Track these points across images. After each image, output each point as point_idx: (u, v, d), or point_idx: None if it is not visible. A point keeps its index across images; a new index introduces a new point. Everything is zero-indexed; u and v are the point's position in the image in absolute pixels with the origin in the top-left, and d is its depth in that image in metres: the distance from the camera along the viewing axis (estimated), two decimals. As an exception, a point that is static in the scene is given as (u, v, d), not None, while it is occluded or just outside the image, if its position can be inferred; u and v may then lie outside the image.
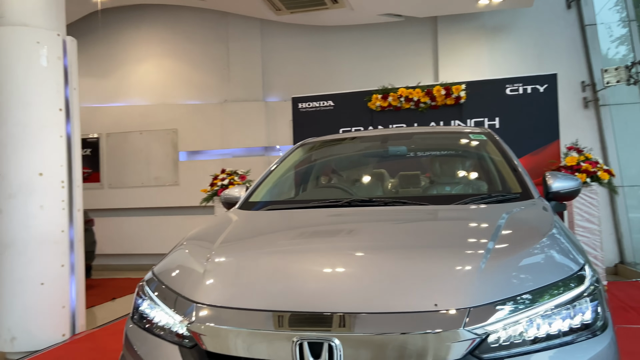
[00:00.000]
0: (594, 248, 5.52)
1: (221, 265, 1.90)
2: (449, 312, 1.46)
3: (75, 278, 4.49)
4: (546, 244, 1.80)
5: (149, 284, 1.97)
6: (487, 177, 3.07)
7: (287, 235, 2.27)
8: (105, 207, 8.88)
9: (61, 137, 4.38)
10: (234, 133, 8.66)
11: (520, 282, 1.58)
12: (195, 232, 2.39)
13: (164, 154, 8.88)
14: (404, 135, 3.61)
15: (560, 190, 2.54)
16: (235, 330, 1.57)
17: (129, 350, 1.85)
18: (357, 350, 1.45)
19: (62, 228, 4.35)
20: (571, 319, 1.53)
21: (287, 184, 3.44)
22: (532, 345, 1.47)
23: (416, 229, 2.15)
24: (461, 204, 2.38)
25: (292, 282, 1.72)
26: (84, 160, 8.84)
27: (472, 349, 1.43)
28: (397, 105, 6.65)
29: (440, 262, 1.72)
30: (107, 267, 8.75)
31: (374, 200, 2.58)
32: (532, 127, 6.18)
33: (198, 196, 7.23)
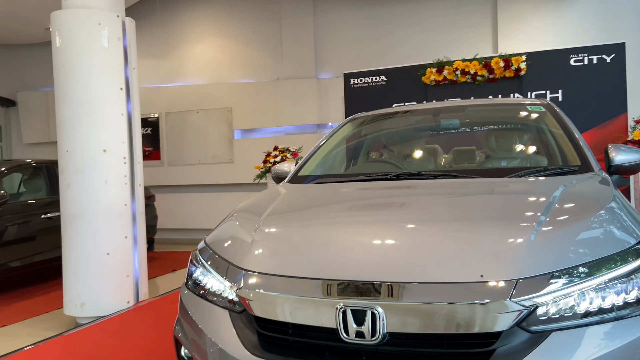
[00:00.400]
0: (663, 227, 5.21)
1: (268, 235, 1.94)
2: (495, 283, 1.44)
3: (138, 249, 4.73)
4: (603, 217, 1.72)
5: (201, 253, 2.05)
6: (545, 151, 2.95)
7: (335, 207, 2.29)
8: (165, 183, 9.24)
9: (122, 115, 4.58)
10: (286, 111, 8.73)
11: (573, 254, 1.52)
12: (244, 204, 2.46)
13: (220, 132, 9.10)
14: (457, 108, 3.51)
15: (623, 164, 2.41)
16: (281, 297, 1.61)
17: (183, 314, 1.95)
18: (401, 318, 1.46)
19: (124, 202, 4.58)
20: (626, 293, 1.46)
21: (337, 158, 3.44)
22: (583, 318, 1.42)
23: (466, 201, 2.10)
24: (515, 176, 2.30)
25: (339, 251, 1.74)
26: (145, 139, 9.25)
27: (520, 321, 1.40)
28: (452, 79, 6.46)
29: (489, 233, 1.68)
30: (168, 241, 9.16)
31: (424, 174, 2.55)
32: (598, 99, 5.85)
33: (252, 173, 7.41)
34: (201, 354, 1.74)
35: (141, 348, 3.59)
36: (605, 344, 1.40)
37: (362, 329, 1.48)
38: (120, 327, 4.12)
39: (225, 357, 1.63)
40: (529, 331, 1.41)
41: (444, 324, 1.43)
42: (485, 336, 1.41)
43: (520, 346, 1.39)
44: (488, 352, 1.40)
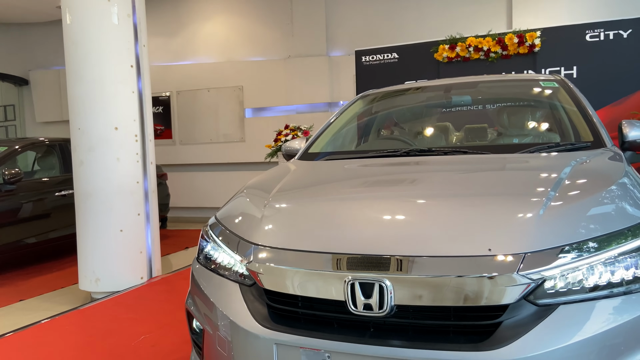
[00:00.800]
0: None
1: (278, 210, 1.96)
2: (503, 256, 1.44)
3: (151, 226, 4.80)
4: (614, 192, 1.71)
5: (212, 228, 2.07)
6: (558, 127, 2.91)
7: (345, 183, 2.29)
8: (177, 162, 9.30)
9: (133, 93, 4.60)
10: (297, 89, 8.69)
11: (582, 229, 1.52)
12: (254, 180, 2.47)
13: (231, 111, 9.10)
14: (468, 84, 3.47)
15: (637, 140, 2.38)
16: (291, 270, 1.63)
17: (195, 288, 1.98)
18: (409, 291, 1.47)
19: (137, 179, 4.63)
20: (636, 268, 1.46)
21: (347, 135, 3.43)
22: (591, 292, 1.42)
23: (476, 176, 2.10)
24: (526, 152, 2.29)
25: (348, 225, 1.75)
26: (157, 117, 9.28)
27: (527, 294, 1.41)
28: (465, 56, 6.37)
29: (498, 208, 1.68)
30: (180, 219, 9.26)
31: (434, 150, 2.54)
32: (614, 76, 5.73)
33: (263, 152, 7.42)
34: (212, 326, 1.78)
35: (155, 322, 3.67)
36: (614, 318, 1.40)
37: (370, 301, 1.50)
38: (134, 302, 4.20)
39: (235, 328, 1.67)
40: (536, 304, 1.41)
41: (452, 297, 1.44)
42: (492, 309, 1.42)
43: (527, 319, 1.40)
44: (495, 324, 1.41)
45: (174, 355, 3.04)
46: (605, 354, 1.37)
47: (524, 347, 1.35)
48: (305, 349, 1.54)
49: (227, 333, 1.69)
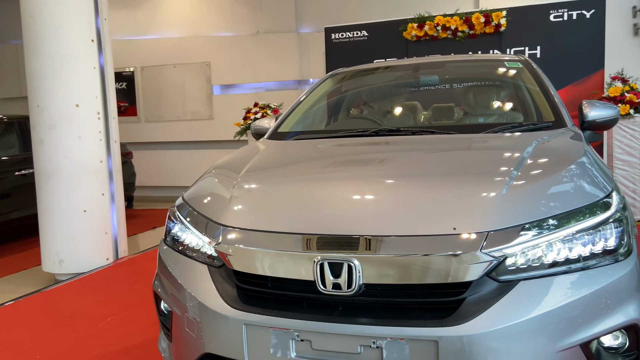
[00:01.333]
0: (632, 182, 5.36)
1: (247, 191, 1.95)
2: (467, 235, 1.48)
3: (116, 206, 4.71)
4: (573, 171, 1.76)
5: (179, 209, 2.05)
6: (521, 107, 2.98)
7: (314, 163, 2.30)
8: (142, 140, 9.10)
9: (95, 69, 4.45)
10: (266, 66, 8.57)
11: (543, 207, 1.57)
12: (223, 160, 2.45)
13: (198, 88, 8.92)
14: (436, 64, 3.50)
15: (596, 119, 2.45)
16: (260, 251, 1.63)
17: (162, 270, 1.97)
18: (377, 270, 1.50)
19: (100, 158, 4.51)
20: (593, 244, 1.52)
21: (317, 114, 3.43)
22: (550, 268, 1.48)
23: (442, 156, 2.13)
24: (490, 132, 2.33)
25: (318, 206, 1.76)
26: (120, 94, 9.02)
27: (489, 271, 1.45)
28: (433, 35, 6.40)
29: (463, 188, 1.72)
30: (147, 198, 9.11)
31: (402, 130, 2.57)
32: (576, 56, 5.87)
33: (232, 130, 7.32)
34: (180, 307, 1.77)
35: (122, 303, 3.63)
36: (572, 293, 1.46)
37: (339, 280, 1.52)
38: (100, 284, 4.14)
39: (204, 310, 1.67)
40: (498, 280, 1.46)
41: (418, 275, 1.47)
42: (456, 286, 1.46)
43: (489, 295, 1.45)
44: (458, 300, 1.46)
45: (142, 337, 3.02)
46: (563, 327, 1.43)
47: (486, 322, 1.40)
48: (275, 329, 1.56)
49: (196, 314, 1.69)
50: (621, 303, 1.50)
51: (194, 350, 1.71)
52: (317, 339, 1.52)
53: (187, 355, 1.76)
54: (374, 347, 1.46)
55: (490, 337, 1.38)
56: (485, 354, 1.38)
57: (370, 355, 1.47)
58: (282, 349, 1.56)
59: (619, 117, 2.50)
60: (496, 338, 1.39)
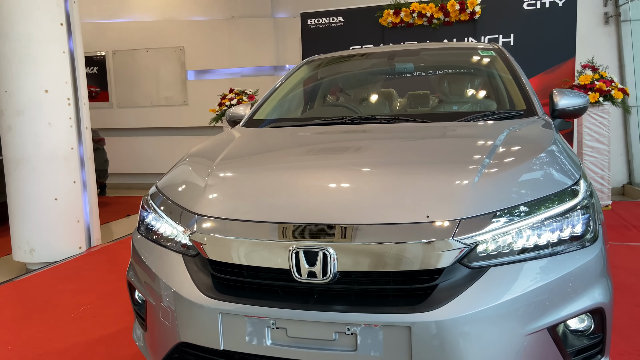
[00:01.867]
0: (601, 168, 5.51)
1: (222, 179, 1.94)
2: (440, 223, 1.51)
3: (88, 194, 4.62)
4: (543, 159, 1.80)
5: (153, 198, 2.03)
6: (494, 95, 3.02)
7: (290, 151, 2.29)
8: (115, 126, 8.93)
9: (64, 53, 4.33)
10: (242, 51, 8.47)
11: (514, 194, 1.60)
12: (197, 148, 2.42)
13: (172, 73, 8.77)
14: (412, 52, 3.52)
15: (567, 108, 2.50)
16: (236, 240, 1.63)
17: (136, 259, 1.95)
18: (352, 258, 1.52)
19: (71, 145, 4.42)
20: (561, 231, 1.56)
21: (293, 102, 3.42)
22: (520, 254, 1.51)
23: (416, 145, 2.16)
24: (463, 121, 2.36)
25: (293, 195, 1.77)
26: (92, 78, 8.81)
27: (461, 258, 1.48)
28: (409, 22, 6.41)
29: (436, 176, 1.74)
30: (121, 185, 8.97)
31: (377, 118, 2.58)
32: (548, 44, 5.96)
33: (207, 116, 7.23)
34: (155, 297, 1.76)
35: (95, 292, 3.59)
36: (540, 278, 1.50)
37: (314, 269, 1.53)
38: (73, 273, 4.08)
39: (179, 299, 1.66)
40: (469, 267, 1.49)
41: (392, 263, 1.49)
42: (429, 272, 1.49)
43: (461, 281, 1.48)
44: (431, 287, 1.48)
45: (117, 326, 3.00)
46: (531, 311, 1.47)
47: (457, 308, 1.43)
48: (251, 317, 1.56)
49: (171, 304, 1.69)
50: (587, 287, 1.55)
51: (169, 339, 1.71)
52: (293, 326, 1.54)
53: (162, 344, 1.76)
54: (349, 333, 1.48)
55: (462, 322, 1.42)
56: (456, 339, 1.42)
57: (345, 341, 1.50)
58: (257, 336, 1.57)
59: (588, 106, 2.55)
60: (467, 323, 1.42)
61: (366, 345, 1.47)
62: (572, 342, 1.58)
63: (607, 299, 1.59)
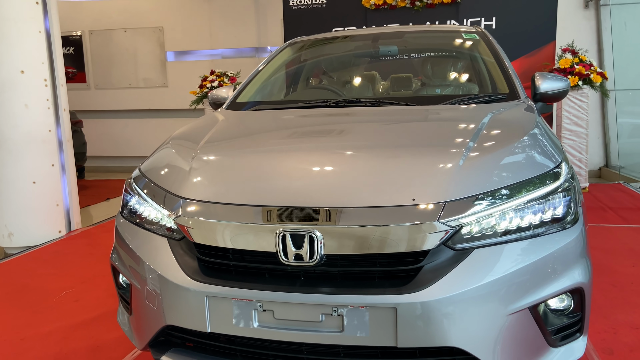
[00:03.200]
0: (579, 151, 5.61)
1: (206, 163, 1.92)
2: (425, 206, 1.52)
3: (67, 177, 4.55)
4: (526, 143, 1.83)
5: (136, 181, 2.00)
6: (477, 78, 3.04)
7: (274, 134, 2.29)
8: (93, 108, 8.76)
9: (40, 33, 4.21)
10: (222, 32, 8.33)
11: (497, 177, 1.62)
12: (180, 131, 2.40)
13: (151, 54, 8.61)
14: (395, 34, 3.51)
15: (548, 91, 2.53)
16: (221, 224, 1.62)
17: (120, 243, 1.93)
18: (338, 241, 1.52)
19: (49, 128, 4.32)
20: (543, 213, 1.59)
21: (276, 84, 3.39)
22: (502, 236, 1.54)
23: (400, 128, 2.17)
24: (447, 104, 2.38)
25: (278, 178, 1.77)
26: (68, 59, 8.60)
27: (446, 240, 1.51)
28: (392, 4, 6.38)
29: (422, 159, 1.76)
30: (100, 168, 8.83)
31: (361, 101, 2.58)
32: (529, 28, 6.00)
33: (187, 98, 7.14)
34: (140, 281, 1.75)
35: (76, 276, 3.55)
36: (522, 259, 1.53)
37: (301, 252, 1.54)
38: (53, 257, 4.03)
39: (165, 283, 1.65)
40: (454, 249, 1.52)
41: (378, 245, 1.51)
42: (414, 254, 1.51)
43: (445, 263, 1.50)
44: (416, 269, 1.51)
45: (100, 310, 2.98)
46: (513, 292, 1.50)
47: (442, 289, 1.46)
48: (237, 300, 1.57)
49: (157, 287, 1.68)
50: (567, 268, 1.59)
51: (155, 322, 1.71)
52: (280, 308, 1.55)
53: (148, 327, 1.75)
54: (335, 315, 1.50)
55: (446, 303, 1.44)
56: (441, 319, 1.45)
57: (331, 323, 1.51)
58: (244, 319, 1.57)
59: (569, 90, 2.59)
60: (451, 304, 1.45)
61: (352, 326, 1.49)
62: (552, 321, 1.62)
63: (587, 279, 1.64)
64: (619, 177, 6.44)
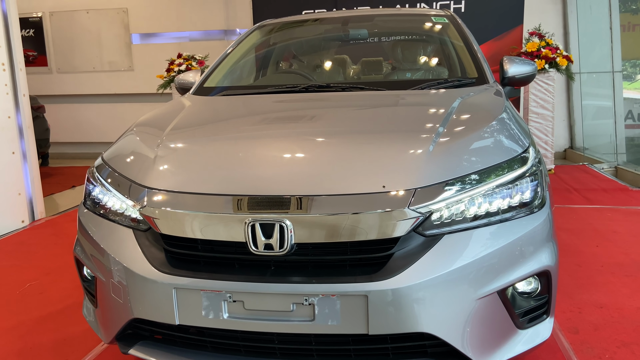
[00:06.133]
0: (545, 134, 5.72)
1: (172, 150, 1.87)
2: (395, 193, 1.52)
3: (29, 165, 4.39)
4: (494, 128, 1.84)
5: (99, 171, 1.94)
6: (447, 63, 3.05)
7: (242, 121, 2.24)
8: (55, 93, 8.46)
9: (-5, 15, 4.02)
10: (190, 14, 8.11)
11: (467, 163, 1.63)
12: (145, 117, 2.33)
13: (115, 36, 8.33)
14: (365, 18, 3.49)
15: (516, 75, 2.55)
16: (189, 214, 1.59)
17: (83, 234, 1.87)
18: (309, 229, 1.51)
19: (8, 114, 4.16)
20: (511, 197, 1.61)
21: (245, 68, 3.32)
22: (472, 222, 1.55)
23: (371, 114, 2.15)
24: (417, 89, 2.37)
25: (248, 166, 1.73)
26: (27, 42, 8.26)
27: (416, 226, 1.50)
28: (361, -14, 6.32)
29: (392, 145, 1.75)
30: (65, 155, 8.57)
31: (332, 86, 2.55)
32: (497, 11, 6.04)
33: (154, 82, 6.96)
34: (105, 273, 1.71)
35: (41, 267, 3.45)
36: (491, 244, 1.55)
37: (271, 241, 1.51)
38: (16, 248, 3.90)
39: (131, 275, 1.61)
40: (424, 235, 1.52)
41: (348, 233, 1.50)
42: (385, 242, 1.51)
43: (416, 249, 1.50)
44: (387, 256, 1.50)
45: (66, 302, 2.90)
46: (482, 276, 1.52)
47: (412, 275, 1.46)
48: (206, 291, 1.54)
49: (123, 280, 1.64)
50: (535, 251, 1.62)
51: (122, 315, 1.67)
52: (250, 299, 1.53)
53: (114, 320, 1.71)
54: (306, 304, 1.49)
55: (417, 289, 1.45)
56: (411, 305, 1.45)
57: (302, 312, 1.50)
58: (214, 310, 1.55)
59: (536, 73, 2.61)
60: (422, 290, 1.45)
61: (324, 315, 1.49)
62: (520, 303, 1.65)
63: (553, 261, 1.67)
64: (583, 159, 6.60)
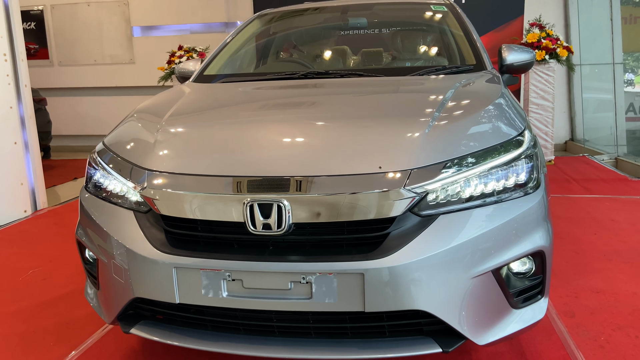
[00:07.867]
0: (545, 124, 5.73)
1: (172, 134, 1.90)
2: (392, 173, 1.54)
3: (31, 156, 4.42)
4: (490, 111, 1.86)
5: (100, 155, 1.97)
6: (446, 51, 3.06)
7: (242, 106, 2.27)
8: (57, 85, 8.48)
9: (-3, 5, 4.04)
10: (191, 6, 8.12)
11: (462, 145, 1.65)
12: (145, 103, 2.35)
13: (116, 29, 8.34)
14: (365, 6, 3.49)
15: (514, 63, 2.57)
16: (188, 195, 1.61)
17: (85, 217, 1.90)
18: (307, 209, 1.53)
19: (10, 104, 4.18)
20: (506, 179, 1.63)
21: (245, 57, 3.34)
22: (467, 202, 1.57)
23: (369, 99, 2.17)
24: (415, 75, 2.39)
25: (247, 148, 1.75)
26: (29, 35, 8.27)
27: (412, 207, 1.53)
28: (362, -23, 6.31)
29: (389, 128, 1.77)
30: (66, 148, 8.60)
31: (331, 73, 2.56)
32: (498, 2, 6.04)
33: (155, 75, 6.98)
34: (107, 255, 1.73)
35: (44, 255, 3.49)
36: (486, 224, 1.57)
37: (269, 221, 1.54)
38: (19, 237, 3.94)
39: (132, 256, 1.64)
40: (420, 215, 1.54)
41: (345, 213, 1.52)
42: (381, 221, 1.53)
43: (411, 229, 1.53)
44: (383, 235, 1.53)
45: (68, 287, 2.94)
46: (477, 256, 1.54)
47: (408, 254, 1.48)
48: (206, 270, 1.57)
49: (124, 261, 1.66)
50: (529, 232, 1.64)
51: (123, 295, 1.70)
52: (248, 277, 1.55)
53: (116, 301, 1.74)
54: (304, 282, 1.52)
55: (412, 268, 1.47)
56: (407, 284, 1.47)
57: (300, 290, 1.53)
58: (213, 289, 1.58)
59: (534, 61, 2.63)
60: (417, 268, 1.48)
61: (321, 293, 1.51)
62: (514, 283, 1.67)
63: (548, 242, 1.69)
64: (583, 150, 6.61)
